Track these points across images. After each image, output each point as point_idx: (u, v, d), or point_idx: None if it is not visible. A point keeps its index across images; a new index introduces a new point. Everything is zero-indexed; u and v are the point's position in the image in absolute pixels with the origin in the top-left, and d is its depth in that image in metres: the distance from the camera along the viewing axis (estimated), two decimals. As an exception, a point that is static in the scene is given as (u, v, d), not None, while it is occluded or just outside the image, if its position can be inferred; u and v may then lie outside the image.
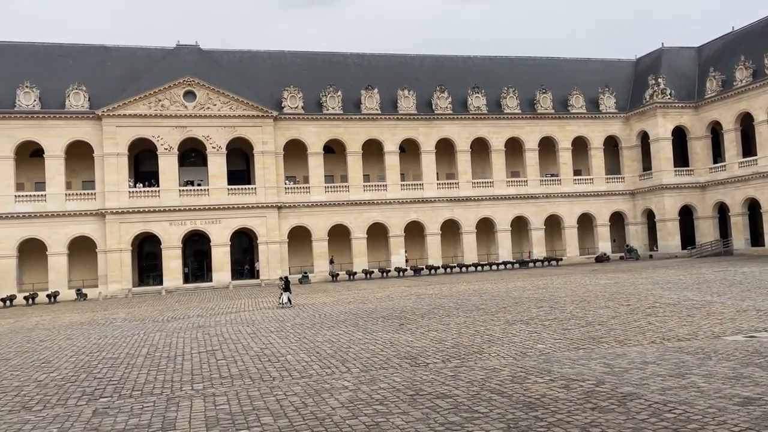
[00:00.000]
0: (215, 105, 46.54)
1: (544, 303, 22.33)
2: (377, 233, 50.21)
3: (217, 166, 46.51)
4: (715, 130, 53.64)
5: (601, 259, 53.40)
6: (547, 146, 54.87)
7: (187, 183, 47.50)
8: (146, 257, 48.58)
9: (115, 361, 15.15)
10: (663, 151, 53.16)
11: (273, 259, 46.93)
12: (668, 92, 53.67)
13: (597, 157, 55.71)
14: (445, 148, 52.18)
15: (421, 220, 51.03)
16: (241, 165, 49.84)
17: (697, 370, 10.76)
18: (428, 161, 51.37)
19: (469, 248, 51.81)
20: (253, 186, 47.38)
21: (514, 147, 53.90)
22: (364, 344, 15.37)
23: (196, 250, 48.80)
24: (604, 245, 55.17)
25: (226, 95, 46.62)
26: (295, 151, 48.70)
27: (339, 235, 49.24)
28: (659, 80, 54.00)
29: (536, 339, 14.80)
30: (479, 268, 50.27)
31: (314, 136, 48.89)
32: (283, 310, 25.58)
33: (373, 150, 50.42)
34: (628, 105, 57.10)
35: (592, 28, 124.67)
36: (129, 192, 44.91)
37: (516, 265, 51.27)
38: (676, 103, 53.62)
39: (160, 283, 45.34)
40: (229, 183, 46.96)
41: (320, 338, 16.83)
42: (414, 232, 51.16)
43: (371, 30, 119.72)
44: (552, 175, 55.29)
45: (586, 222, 55.51)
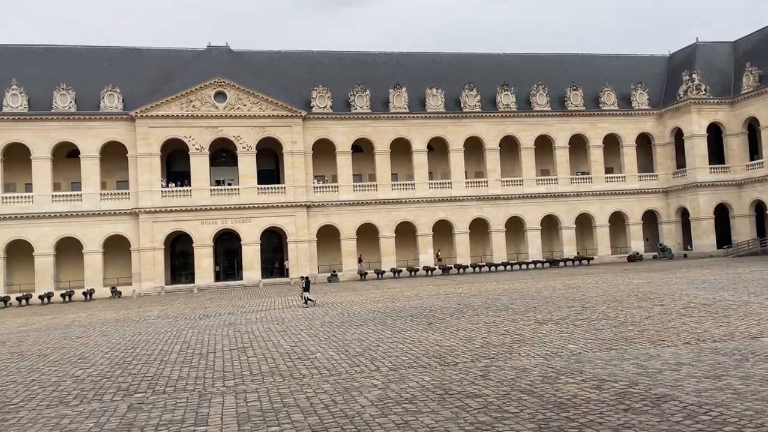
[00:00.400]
0: (245, 105, 47.06)
1: (575, 303, 22.06)
2: (405, 232, 50.19)
3: (247, 165, 47.03)
4: (752, 127, 52.29)
5: (634, 258, 52.51)
6: (578, 144, 54.17)
7: (218, 182, 48.14)
8: (178, 256, 49.39)
9: (149, 357, 15.45)
10: (698, 148, 52.04)
11: (302, 257, 47.27)
12: (703, 88, 52.49)
13: (629, 155, 54.80)
14: (473, 147, 51.90)
15: (450, 219, 50.85)
16: (270, 165, 50.32)
17: (733, 371, 10.52)
18: (457, 160, 51.15)
19: (498, 247, 51.45)
20: (283, 185, 47.79)
21: (543, 145, 53.35)
22: (393, 343, 15.38)
23: (227, 249, 49.44)
24: (636, 244, 54.24)
25: (255, 95, 47.10)
26: (323, 151, 48.96)
27: (367, 233, 49.36)
28: (693, 76, 52.85)
29: (567, 339, 14.63)
30: (508, 267, 49.88)
31: (343, 135, 49.09)
32: (312, 309, 25.76)
33: (401, 149, 50.41)
34: (662, 101, 56.01)
35: (624, 24, 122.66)
36: (162, 192, 45.70)
37: (546, 265, 50.73)
38: (711, 99, 52.43)
39: (192, 281, 46.04)
40: (259, 182, 47.45)
41: (349, 337, 16.91)
42: (442, 231, 51.00)
43: (399, 29, 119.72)
44: (583, 173, 54.57)
45: (618, 221, 54.66)
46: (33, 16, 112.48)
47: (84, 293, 42.63)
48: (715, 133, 53.31)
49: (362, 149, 50.66)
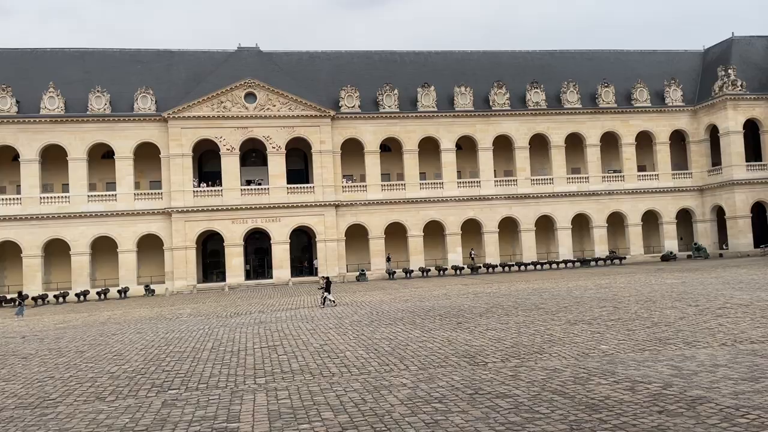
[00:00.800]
0: (275, 106, 47.50)
1: (607, 303, 21.75)
2: (434, 231, 50.08)
3: (277, 165, 47.47)
4: (792, 123, 50.87)
5: (668, 257, 51.52)
6: (610, 141, 53.37)
7: (248, 182, 48.70)
8: (210, 254, 50.11)
9: (181, 354, 15.70)
10: (734, 145, 50.80)
11: (331, 256, 47.53)
12: (739, 83, 51.22)
13: (663, 152, 53.79)
14: (502, 145, 51.53)
15: (479, 218, 50.58)
16: (299, 164, 50.71)
17: (772, 374, 10.25)
18: (485, 158, 50.84)
19: (528, 246, 50.99)
20: (312, 185, 48.12)
21: (574, 143, 52.70)
22: (422, 342, 15.37)
23: (257, 248, 49.98)
24: (670, 243, 53.23)
25: (285, 96, 47.51)
26: (352, 150, 49.15)
27: (396, 232, 49.39)
28: (729, 71, 51.61)
29: (599, 339, 14.43)
30: (538, 266, 49.41)
31: (371, 134, 49.20)
32: (340, 308, 25.85)
33: (429, 148, 50.31)
34: (696, 98, 54.84)
35: (657, 19, 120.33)
36: (193, 192, 46.42)
37: (577, 264, 50.11)
38: (747, 95, 51.13)
39: (223, 279, 46.67)
40: (289, 182, 47.87)
41: (378, 335, 16.94)
42: (471, 230, 50.75)
43: (428, 28, 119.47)
44: (615, 171, 53.75)
45: (651, 219, 53.71)
46: (69, 21, 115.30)
47: (119, 291, 43.56)
48: (752, 130, 51.98)
49: (390, 148, 50.70)
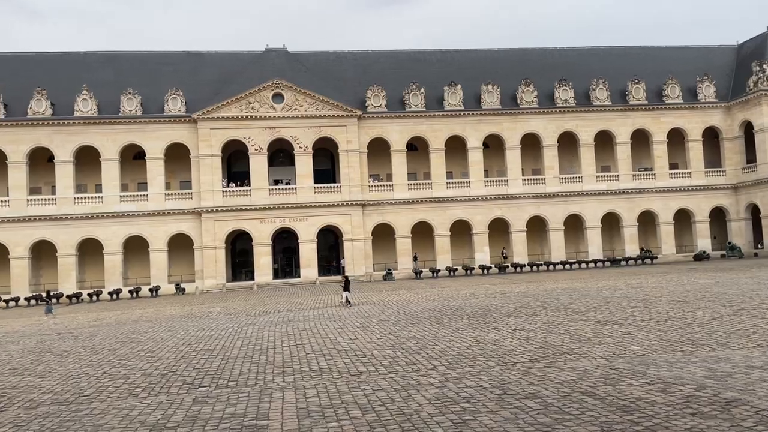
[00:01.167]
0: (302, 106, 47.82)
1: (637, 303, 21.42)
2: (461, 230, 49.87)
3: (304, 165, 47.78)
4: (831, 118, 49.35)
5: (700, 257, 50.47)
6: (640, 139, 52.48)
7: (276, 182, 49.12)
8: (238, 254, 50.67)
9: (212, 352, 15.92)
10: (770, 142, 49.52)
11: (358, 255, 47.69)
12: (775, 78, 49.90)
13: (695, 150, 52.70)
14: (530, 143, 51.06)
15: (506, 217, 50.22)
16: (326, 164, 50.96)
17: (811, 377, 9.99)
18: (513, 157, 50.45)
19: (557, 246, 50.46)
20: (338, 184, 48.33)
21: (603, 140, 51.96)
22: (450, 342, 15.33)
23: (285, 247, 50.38)
24: (703, 242, 52.14)
25: (312, 96, 47.79)
26: (378, 150, 49.22)
27: (422, 232, 49.31)
28: (765, 66, 50.32)
29: (630, 340, 14.23)
30: (567, 266, 48.85)
31: (397, 134, 49.20)
32: (367, 307, 25.91)
33: (456, 146, 50.11)
34: (730, 94, 53.59)
35: (689, 15, 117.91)
36: (222, 191, 47.00)
37: (607, 264, 49.41)
38: (784, 90, 49.77)
39: (252, 278, 47.17)
40: (316, 182, 48.14)
41: (405, 335, 16.94)
42: (498, 229, 50.41)
43: (454, 26, 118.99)
44: (645, 169, 52.84)
45: (683, 218, 52.67)
46: (100, 25, 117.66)
47: (150, 290, 44.33)
48: (789, 126, 50.56)
49: (417, 147, 50.64)
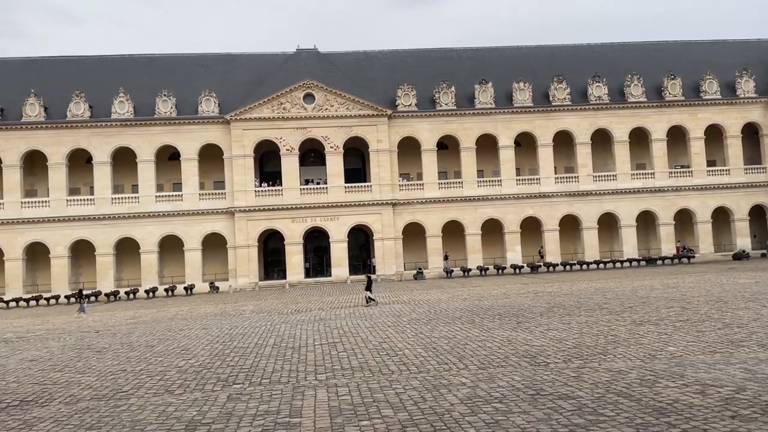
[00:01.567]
0: (332, 106, 48.08)
1: (674, 303, 20.98)
2: (492, 229, 49.51)
3: (335, 165, 48.03)
4: None
5: (740, 256, 49.16)
6: (677, 136, 51.35)
7: (307, 182, 49.49)
8: (271, 253, 51.21)
9: (245, 350, 16.13)
10: (813, 138, 47.98)
11: (388, 255, 47.75)
12: (819, 72, 48.33)
13: (734, 146, 51.34)
14: (563, 141, 50.42)
15: (538, 216, 49.68)
16: (357, 163, 51.13)
17: None
18: (545, 155, 49.88)
19: (590, 245, 49.72)
20: (369, 184, 48.46)
21: (638, 138, 50.99)
22: (481, 341, 15.25)
23: (316, 246, 50.72)
24: (742, 241, 50.77)
25: (342, 96, 48.01)
26: (408, 149, 49.17)
27: (453, 231, 49.11)
28: (808, 59, 48.76)
29: (666, 341, 13.95)
30: (601, 265, 48.09)
31: (428, 132, 49.09)
32: (398, 306, 25.92)
33: (487, 145, 49.75)
34: (771, 88, 52.04)
35: (727, 8, 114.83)
36: (255, 191, 47.56)
37: (642, 263, 48.49)
38: (828, 84, 48.17)
39: (284, 277, 47.62)
40: (346, 181, 48.35)
41: (436, 334, 16.91)
42: (530, 228, 49.89)
43: (485, 24, 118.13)
44: (682, 167, 51.68)
45: (721, 216, 51.37)
46: (135, 28, 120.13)
47: (185, 288, 45.12)
48: (833, 121, 48.95)
49: (447, 146, 50.45)
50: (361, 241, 51.75)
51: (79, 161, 47.46)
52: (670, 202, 50.62)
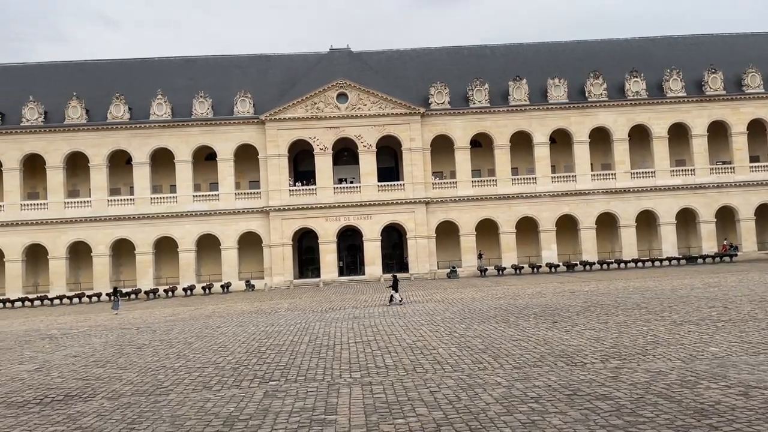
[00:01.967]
0: (365, 105, 48.22)
1: (716, 302, 20.46)
2: (526, 227, 48.99)
3: (368, 163, 48.18)
4: None
5: (785, 254, 47.62)
6: (718, 131, 49.98)
7: (341, 181, 49.76)
8: (305, 251, 51.66)
9: (281, 347, 16.33)
10: None
11: (421, 253, 47.68)
12: None
13: (779, 141, 49.76)
14: (599, 138, 49.57)
15: (574, 214, 48.96)
16: (389, 162, 51.16)
17: None
18: (581, 152, 49.11)
19: (628, 243, 48.79)
20: (402, 182, 48.46)
21: (678, 133, 49.81)
22: (516, 341, 15.13)
23: (350, 245, 50.97)
24: (788, 239, 49.17)
25: (375, 95, 48.11)
26: (441, 147, 48.99)
27: (487, 229, 48.76)
28: None
29: (708, 341, 13.63)
30: (639, 264, 47.15)
31: (461, 130, 48.83)
32: (432, 305, 25.88)
33: (521, 142, 49.24)
34: (818, 80, 50.24)
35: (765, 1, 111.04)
36: (289, 191, 48.03)
37: (682, 262, 47.38)
38: None
39: (318, 275, 48.00)
40: (379, 180, 48.44)
41: (471, 333, 16.84)
42: (566, 226, 49.21)
43: (519, 20, 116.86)
44: (724, 163, 50.30)
45: (765, 213, 49.82)
46: (172, 31, 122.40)
47: (222, 286, 45.86)
48: None
49: (481, 144, 50.10)
50: (394, 239, 51.81)
51: (119, 162, 48.63)
52: (711, 199, 49.32)
